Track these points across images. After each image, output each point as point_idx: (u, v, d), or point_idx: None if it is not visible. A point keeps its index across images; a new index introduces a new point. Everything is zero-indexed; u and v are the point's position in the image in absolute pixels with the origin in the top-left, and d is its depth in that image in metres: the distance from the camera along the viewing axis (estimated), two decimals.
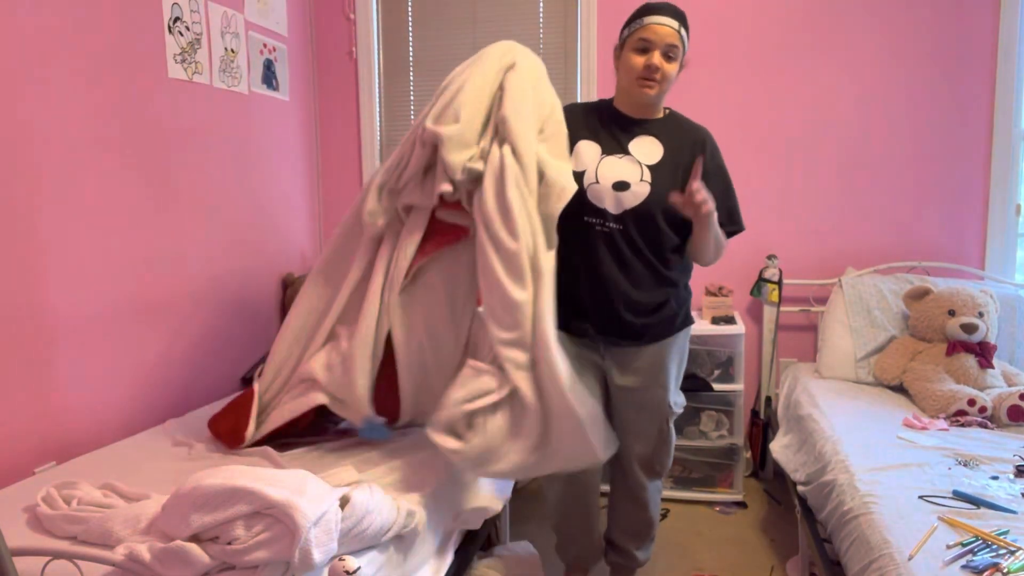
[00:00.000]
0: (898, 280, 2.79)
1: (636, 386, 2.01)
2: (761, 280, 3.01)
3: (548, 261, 1.74)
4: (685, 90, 3.16)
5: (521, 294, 1.69)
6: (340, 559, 1.35)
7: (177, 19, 2.54)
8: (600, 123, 1.97)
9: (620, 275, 1.92)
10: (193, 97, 2.64)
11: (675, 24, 1.83)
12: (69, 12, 2.12)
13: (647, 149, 1.92)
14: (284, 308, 3.29)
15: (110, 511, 1.51)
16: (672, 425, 2.07)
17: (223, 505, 1.33)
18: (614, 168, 1.89)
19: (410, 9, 3.43)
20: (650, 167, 1.90)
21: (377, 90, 3.49)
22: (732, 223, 1.99)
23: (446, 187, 1.79)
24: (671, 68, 1.85)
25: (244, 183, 2.97)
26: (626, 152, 1.91)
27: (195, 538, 1.33)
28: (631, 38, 1.86)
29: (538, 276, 1.72)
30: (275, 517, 1.31)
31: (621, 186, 1.87)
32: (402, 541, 1.58)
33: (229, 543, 1.30)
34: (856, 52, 3.01)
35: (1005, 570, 1.32)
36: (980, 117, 2.94)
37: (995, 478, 1.76)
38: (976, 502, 1.62)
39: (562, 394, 1.63)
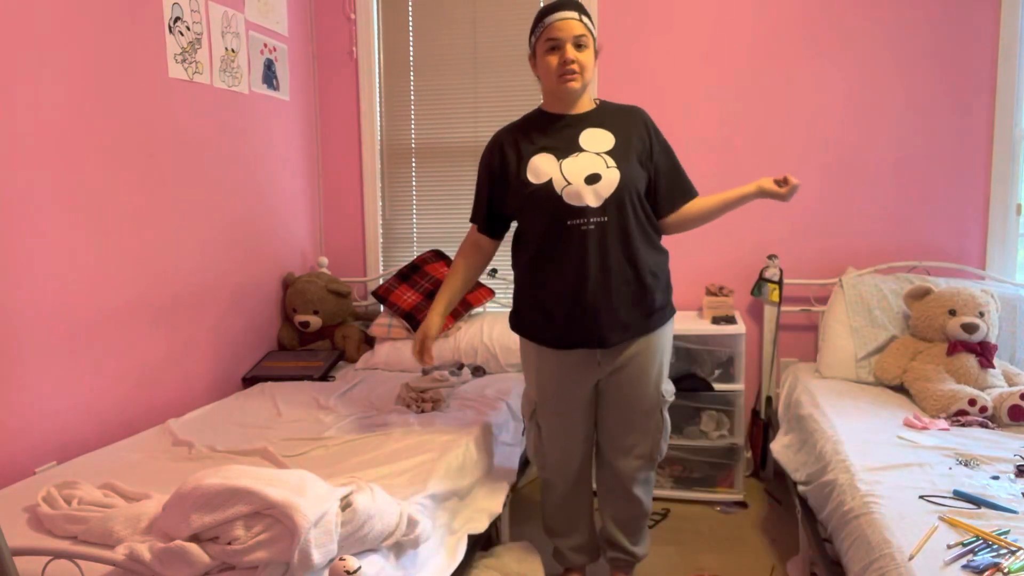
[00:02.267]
0: (899, 280, 2.79)
1: (629, 380, 2.02)
2: (762, 280, 3.01)
3: None
4: (686, 90, 3.16)
5: None
6: (340, 559, 1.35)
7: (177, 19, 2.55)
8: (540, 133, 1.99)
9: (613, 268, 1.92)
10: (193, 97, 2.64)
11: (575, 15, 1.87)
12: (69, 12, 2.12)
13: (597, 139, 1.95)
14: (284, 308, 3.29)
15: (111, 511, 1.51)
16: (666, 413, 2.09)
17: (223, 505, 1.33)
18: (578, 165, 1.91)
19: (410, 9, 3.43)
20: (609, 153, 1.93)
21: (377, 90, 3.49)
22: (687, 195, 2.06)
23: None
24: (586, 56, 1.90)
25: (244, 183, 2.97)
26: (580, 149, 1.93)
27: (195, 538, 1.33)
28: (539, 42, 1.91)
29: None
30: (275, 518, 1.31)
31: (593, 178, 1.89)
32: (404, 547, 1.58)
33: (229, 543, 1.30)
34: (857, 52, 3.01)
35: (1006, 570, 1.32)
36: (981, 116, 2.94)
37: (996, 478, 1.76)
38: (977, 502, 1.62)
39: None
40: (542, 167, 1.93)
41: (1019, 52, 2.87)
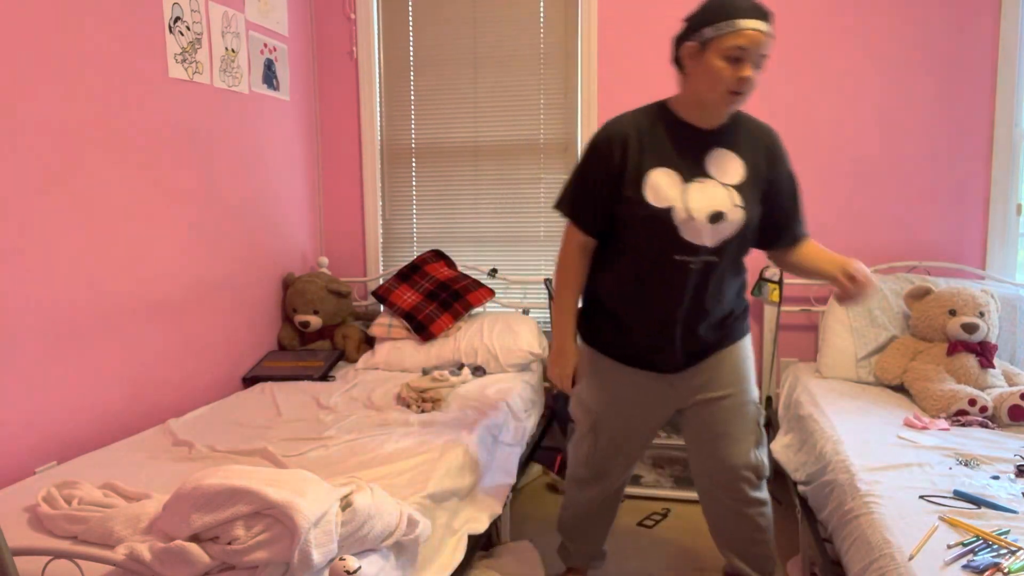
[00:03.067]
0: (899, 280, 2.79)
1: (723, 393, 1.91)
2: (762, 280, 3.00)
3: None
4: None
5: None
6: (340, 559, 1.35)
7: (178, 19, 2.55)
8: (667, 142, 1.74)
9: (708, 303, 1.81)
10: (193, 97, 2.64)
11: (768, 28, 1.62)
12: (69, 12, 2.12)
13: (727, 167, 1.74)
14: (284, 308, 3.29)
15: (111, 511, 1.51)
16: (763, 426, 1.96)
17: (223, 505, 1.33)
18: (703, 197, 1.70)
19: (410, 9, 3.43)
20: (737, 188, 1.73)
21: (377, 90, 3.49)
22: (803, 230, 1.88)
23: None
24: (758, 75, 1.66)
25: (244, 183, 2.97)
26: (707, 175, 1.72)
27: (195, 538, 1.33)
28: (720, 43, 1.61)
29: None
30: (275, 517, 1.31)
31: (717, 217, 1.70)
32: (404, 547, 1.58)
33: (229, 543, 1.30)
34: (857, 51, 3.01)
35: (1006, 570, 1.32)
36: (981, 116, 2.94)
37: (996, 478, 1.76)
38: (977, 502, 1.62)
39: None
40: (664, 188, 1.71)
41: (1019, 52, 2.87)
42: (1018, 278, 2.95)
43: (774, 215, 1.83)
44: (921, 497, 1.65)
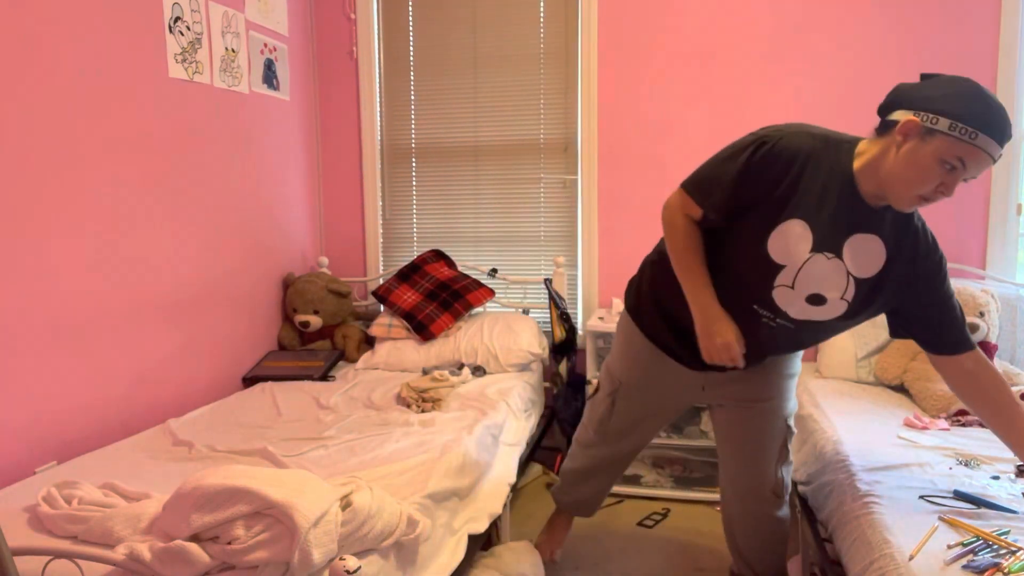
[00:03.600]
0: None
1: (760, 398, 1.83)
2: None
3: None
4: (684, 92, 3.16)
5: None
6: (340, 558, 1.35)
7: (178, 19, 2.55)
8: (827, 194, 1.51)
9: (771, 355, 1.75)
10: (193, 97, 2.64)
11: (999, 155, 1.39)
12: (70, 12, 2.12)
13: (864, 255, 1.53)
14: (284, 308, 3.29)
15: (111, 511, 1.51)
16: (790, 447, 1.89)
17: (223, 505, 1.33)
18: (818, 275, 1.53)
19: (410, 9, 3.43)
20: (858, 281, 1.54)
21: (377, 90, 3.49)
22: (960, 346, 1.59)
23: None
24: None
25: (244, 183, 2.97)
26: (839, 254, 1.52)
27: (195, 538, 1.33)
28: (949, 144, 1.36)
29: None
30: (275, 517, 1.31)
31: (817, 300, 1.55)
32: (404, 547, 1.58)
33: (229, 543, 1.30)
34: (857, 51, 3.01)
35: (1006, 570, 1.32)
36: None
37: (996, 478, 1.75)
38: (977, 502, 1.61)
39: None
40: (790, 245, 1.52)
41: (1019, 52, 2.86)
42: (1018, 278, 2.95)
43: (925, 318, 1.60)
44: (921, 497, 1.65)
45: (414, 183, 3.52)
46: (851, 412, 2.29)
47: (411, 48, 3.45)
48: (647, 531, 2.70)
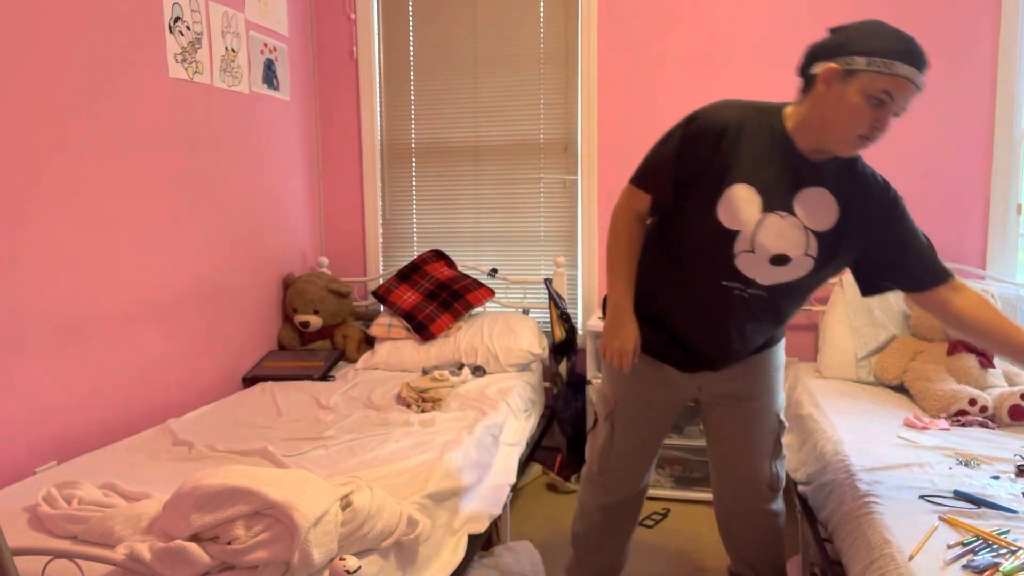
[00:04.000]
0: None
1: (751, 398, 1.81)
2: None
3: None
4: (684, 91, 3.16)
5: None
6: (341, 558, 1.35)
7: (178, 19, 2.55)
8: (765, 156, 1.55)
9: (749, 332, 1.71)
10: (193, 97, 2.64)
11: (922, 80, 1.43)
12: (69, 12, 2.12)
13: (817, 208, 1.56)
14: (284, 308, 3.29)
15: (111, 511, 1.51)
16: (782, 439, 1.87)
17: (223, 505, 1.33)
18: (776, 234, 1.54)
19: (410, 9, 3.43)
20: (818, 235, 1.56)
21: (377, 90, 3.49)
22: (938, 276, 1.61)
23: None
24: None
25: (244, 183, 2.97)
26: (790, 210, 1.55)
27: (195, 538, 1.33)
28: (870, 80, 1.41)
29: None
30: (275, 517, 1.31)
31: (781, 260, 1.56)
32: (404, 547, 1.58)
33: (229, 543, 1.30)
34: None
35: (1006, 570, 1.32)
36: (981, 116, 2.94)
37: (996, 478, 1.75)
38: (977, 502, 1.61)
39: None
40: (739, 210, 1.54)
41: (1019, 52, 2.87)
42: (1018, 278, 2.95)
43: (897, 259, 1.61)
44: (921, 497, 1.65)
45: (414, 183, 3.52)
46: (851, 412, 2.29)
47: (411, 48, 3.45)
48: (647, 531, 2.70)
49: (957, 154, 2.97)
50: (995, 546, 1.41)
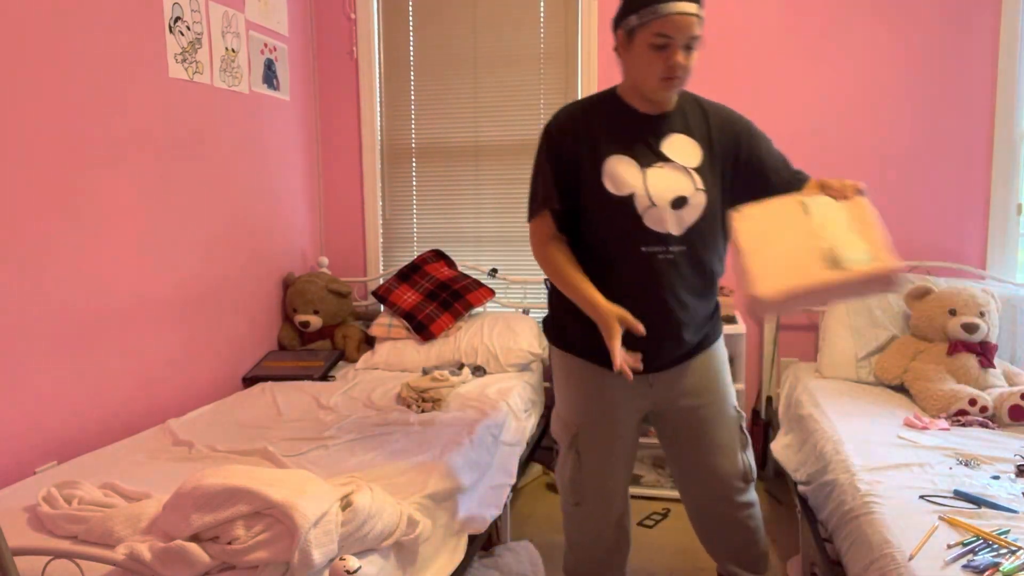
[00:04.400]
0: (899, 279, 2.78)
1: (705, 401, 1.79)
2: None
3: None
4: (686, 86, 3.16)
5: None
6: (341, 558, 1.35)
7: (178, 19, 2.55)
8: (617, 127, 1.68)
9: (687, 299, 1.70)
10: (194, 97, 2.64)
11: (695, 8, 1.54)
12: (69, 12, 2.12)
13: (684, 149, 1.67)
14: (284, 308, 3.29)
15: (111, 511, 1.51)
16: (745, 429, 1.85)
17: (223, 505, 1.33)
18: (664, 183, 1.64)
19: (410, 9, 3.43)
20: (697, 170, 1.66)
21: (378, 90, 3.49)
22: (798, 177, 1.73)
23: None
24: (693, 58, 1.59)
25: (245, 183, 2.97)
26: (665, 159, 1.65)
27: (195, 538, 1.33)
28: (644, 31, 1.56)
29: None
30: (275, 517, 1.31)
31: (680, 203, 1.63)
32: (404, 547, 1.58)
33: (229, 543, 1.30)
34: (857, 51, 3.01)
35: (1006, 570, 1.32)
36: (981, 116, 2.94)
37: (996, 478, 1.75)
38: (977, 502, 1.61)
39: None
40: (622, 175, 1.64)
41: (1019, 52, 2.87)
42: (1018, 278, 2.95)
43: (765, 174, 1.72)
44: (921, 497, 1.65)
45: (414, 183, 3.52)
46: (851, 412, 2.29)
47: (411, 48, 3.45)
48: (647, 531, 2.70)
49: (957, 154, 2.97)
50: (995, 546, 1.41)
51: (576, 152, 1.68)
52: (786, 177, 1.73)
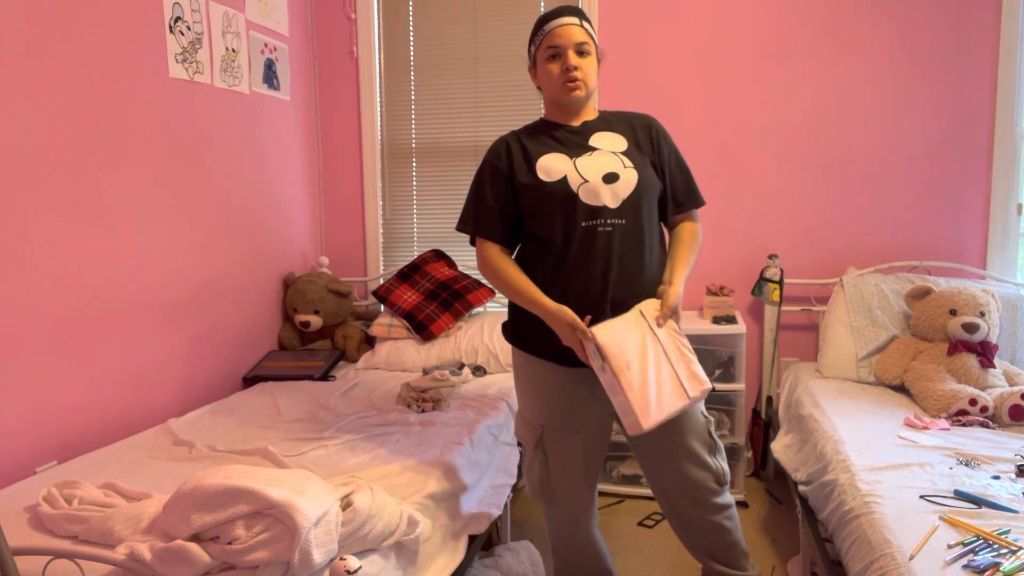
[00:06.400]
0: (899, 279, 2.79)
1: None
2: (762, 280, 3.01)
3: None
4: (685, 91, 3.16)
5: None
6: (341, 558, 1.35)
7: (178, 19, 2.55)
8: (549, 140, 1.85)
9: (633, 275, 1.76)
10: (194, 97, 2.64)
11: (575, 20, 1.78)
12: (69, 12, 2.12)
13: (610, 141, 1.84)
14: (285, 308, 3.29)
15: (111, 510, 1.51)
16: (714, 432, 1.87)
17: (224, 505, 1.33)
18: (594, 163, 1.78)
19: (410, 9, 3.43)
20: (624, 153, 1.81)
21: (378, 90, 3.49)
22: (693, 200, 1.91)
23: None
24: (589, 64, 1.80)
25: (245, 183, 2.97)
26: (593, 148, 1.81)
27: (196, 538, 1.33)
28: (540, 51, 1.82)
29: None
30: (275, 517, 1.31)
31: (611, 177, 1.76)
32: (404, 547, 1.58)
33: (229, 543, 1.30)
34: (858, 51, 3.01)
35: (1006, 570, 1.32)
36: (981, 116, 2.94)
37: (996, 478, 1.75)
38: (977, 502, 1.62)
39: None
40: (554, 165, 1.79)
41: (1019, 52, 2.87)
42: (1018, 278, 2.95)
43: (673, 180, 1.89)
44: (922, 497, 1.65)
45: (414, 183, 3.52)
46: (851, 412, 2.29)
47: (411, 48, 3.45)
48: (647, 531, 2.70)
49: (957, 153, 2.97)
50: (995, 546, 1.41)
51: (510, 166, 1.84)
52: (683, 189, 1.91)
